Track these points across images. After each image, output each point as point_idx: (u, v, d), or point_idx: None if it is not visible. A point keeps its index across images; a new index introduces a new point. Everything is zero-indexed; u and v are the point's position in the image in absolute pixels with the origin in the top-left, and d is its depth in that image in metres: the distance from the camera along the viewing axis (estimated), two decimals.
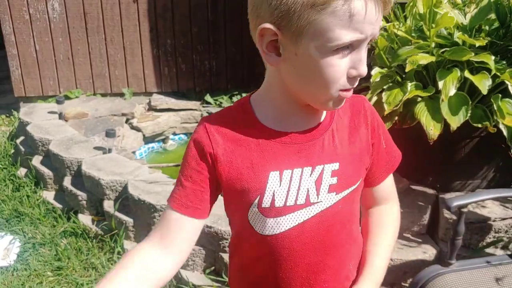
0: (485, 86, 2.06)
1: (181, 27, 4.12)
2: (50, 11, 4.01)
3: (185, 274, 2.43)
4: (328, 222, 0.96)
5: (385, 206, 1.11)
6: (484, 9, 2.26)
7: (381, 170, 1.06)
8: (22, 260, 2.68)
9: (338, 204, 0.96)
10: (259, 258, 1.01)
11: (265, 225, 0.95)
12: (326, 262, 0.99)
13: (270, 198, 0.93)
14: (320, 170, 0.94)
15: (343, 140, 0.97)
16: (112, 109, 4.00)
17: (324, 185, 0.94)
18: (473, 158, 2.34)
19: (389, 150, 1.06)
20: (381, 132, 1.03)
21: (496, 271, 1.82)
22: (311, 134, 0.94)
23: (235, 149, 0.94)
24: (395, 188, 1.13)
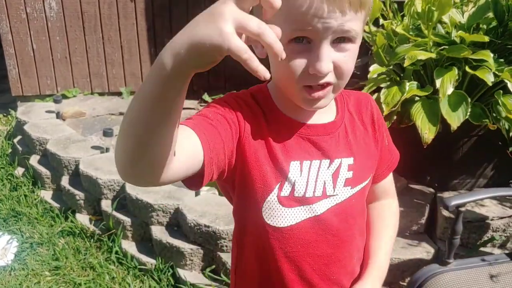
0: (489, 78, 2.06)
1: (179, 25, 4.04)
2: (47, 10, 4.00)
3: (183, 274, 2.43)
4: (342, 216, 0.98)
5: (384, 201, 1.14)
6: (482, 8, 2.26)
7: (383, 167, 1.09)
8: (19, 260, 2.68)
9: (352, 198, 0.98)
10: (270, 252, 0.98)
11: (281, 215, 0.94)
12: (337, 255, 1.00)
13: (290, 187, 0.93)
14: (338, 163, 0.96)
15: (355, 136, 1.00)
16: (109, 108, 3.99)
17: (341, 178, 0.96)
18: (471, 157, 2.35)
19: (390, 148, 1.10)
20: (383, 130, 1.06)
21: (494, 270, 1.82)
22: (327, 128, 0.97)
23: (257, 132, 0.91)
24: (393, 184, 1.16)
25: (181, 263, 2.46)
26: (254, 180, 0.92)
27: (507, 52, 2.25)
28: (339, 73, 0.86)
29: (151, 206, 2.54)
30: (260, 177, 0.91)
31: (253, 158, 0.91)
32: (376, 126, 1.04)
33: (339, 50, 0.84)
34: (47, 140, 3.34)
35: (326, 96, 0.89)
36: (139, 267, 2.57)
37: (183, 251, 2.42)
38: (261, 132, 0.92)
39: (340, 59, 0.85)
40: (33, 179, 3.35)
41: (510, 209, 2.27)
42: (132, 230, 2.70)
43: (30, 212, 3.04)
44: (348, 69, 0.87)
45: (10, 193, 3.28)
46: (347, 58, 0.85)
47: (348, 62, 0.86)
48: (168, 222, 2.57)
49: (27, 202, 3.16)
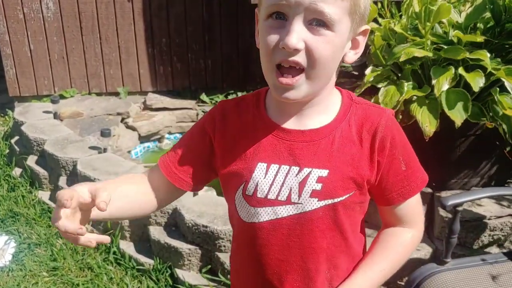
0: (477, 83, 2.07)
1: (176, 26, 4.11)
2: (45, 10, 3.99)
3: (181, 274, 2.43)
4: (307, 226, 0.95)
5: (398, 229, 1.04)
6: (479, 8, 2.27)
7: (394, 192, 0.99)
8: (17, 261, 2.67)
9: (319, 210, 0.94)
10: (242, 245, 1.04)
11: (247, 211, 0.98)
12: (300, 264, 0.98)
13: (253, 187, 0.96)
14: (307, 173, 0.93)
15: (343, 149, 0.94)
16: (107, 108, 3.98)
17: (307, 188, 0.93)
18: (469, 157, 2.35)
19: (408, 174, 0.98)
20: (397, 153, 0.96)
21: (492, 269, 1.82)
22: (309, 135, 0.94)
23: (236, 134, 0.98)
24: (417, 213, 1.05)
25: (179, 263, 2.46)
26: (228, 178, 1.00)
27: (504, 52, 2.26)
28: (310, 57, 0.84)
29: None
30: (232, 175, 0.99)
31: (228, 159, 0.99)
32: (377, 145, 0.94)
33: (313, 32, 0.83)
34: (45, 140, 3.34)
35: (297, 87, 0.87)
36: (137, 268, 2.56)
37: (181, 251, 2.42)
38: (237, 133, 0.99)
39: (313, 41, 0.83)
40: (30, 180, 3.35)
41: (508, 208, 2.27)
42: (130, 231, 2.70)
43: (28, 213, 3.04)
44: (321, 56, 0.84)
45: (7, 194, 3.27)
46: (320, 44, 0.83)
47: (321, 47, 0.84)
48: (166, 222, 2.57)
49: (25, 202, 3.16)
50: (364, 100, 1.00)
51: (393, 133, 0.96)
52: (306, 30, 0.83)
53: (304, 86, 0.88)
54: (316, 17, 0.82)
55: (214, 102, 4.16)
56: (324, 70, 0.87)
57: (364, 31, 0.92)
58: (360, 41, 0.93)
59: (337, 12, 0.82)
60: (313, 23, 0.83)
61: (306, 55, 0.84)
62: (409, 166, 0.98)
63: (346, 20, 0.85)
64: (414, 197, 1.01)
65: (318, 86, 0.90)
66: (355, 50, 0.93)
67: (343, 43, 0.88)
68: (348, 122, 0.95)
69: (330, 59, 0.86)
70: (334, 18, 0.82)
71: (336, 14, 0.82)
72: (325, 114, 0.95)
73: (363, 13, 0.88)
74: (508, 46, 2.24)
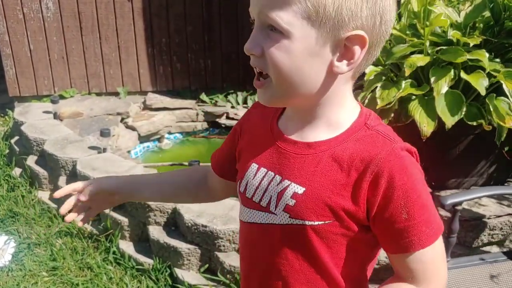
0: (482, 86, 2.06)
1: (176, 25, 4.11)
2: (44, 10, 4.00)
3: (180, 274, 2.43)
4: (277, 240, 0.91)
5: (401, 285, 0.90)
6: (479, 7, 2.27)
7: (392, 241, 0.87)
8: (17, 261, 2.67)
9: (289, 228, 0.88)
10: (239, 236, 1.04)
11: (240, 207, 0.99)
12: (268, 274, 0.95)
13: (244, 185, 0.96)
14: (285, 185, 0.89)
15: (327, 171, 0.86)
16: (107, 108, 3.99)
17: (283, 201, 0.88)
18: (468, 156, 2.35)
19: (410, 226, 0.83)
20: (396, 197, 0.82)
21: (491, 269, 1.82)
22: (300, 147, 0.90)
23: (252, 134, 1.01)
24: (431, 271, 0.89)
25: (178, 263, 2.46)
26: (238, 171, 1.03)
27: (504, 51, 2.26)
28: (268, 63, 0.82)
29: (149, 206, 2.54)
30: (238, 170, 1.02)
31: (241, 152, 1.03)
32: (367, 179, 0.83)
33: (268, 37, 0.81)
34: (44, 140, 3.34)
35: (264, 90, 0.87)
36: (136, 267, 2.56)
37: (180, 251, 2.42)
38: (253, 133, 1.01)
39: (267, 47, 0.81)
40: (30, 180, 3.35)
41: (507, 208, 2.27)
42: (129, 230, 2.70)
43: (28, 213, 3.04)
44: (275, 62, 0.81)
45: (7, 194, 3.27)
46: (274, 49, 0.80)
47: (275, 54, 0.80)
48: (165, 222, 2.57)
49: (25, 202, 3.16)
50: (381, 126, 0.88)
51: (393, 172, 0.82)
52: (265, 35, 0.82)
53: (269, 90, 0.86)
54: (271, 24, 0.80)
55: (214, 102, 4.16)
56: (286, 76, 0.82)
57: (355, 39, 0.80)
58: (355, 50, 0.81)
59: (286, 17, 0.78)
60: (272, 29, 0.80)
61: (264, 61, 0.83)
62: (412, 216, 0.83)
63: (303, 24, 0.78)
64: (425, 252, 0.85)
65: (286, 93, 0.85)
66: (348, 61, 0.82)
67: (309, 51, 0.80)
68: (346, 145, 0.86)
69: (289, 67, 0.81)
70: (283, 24, 0.78)
71: (284, 19, 0.78)
72: (328, 129, 0.88)
73: (334, 16, 0.78)
74: (507, 45, 2.24)
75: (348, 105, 0.89)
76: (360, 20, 0.79)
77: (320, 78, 0.84)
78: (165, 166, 3.33)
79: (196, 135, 4.20)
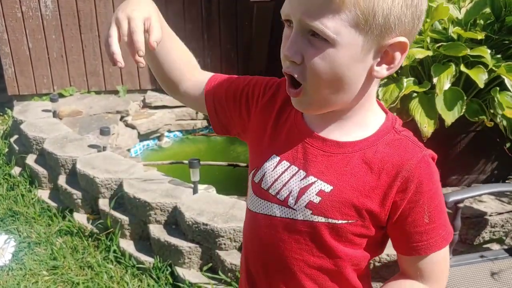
0: (481, 79, 2.06)
1: (175, 23, 4.06)
2: (43, 8, 3.98)
3: (181, 272, 2.43)
4: (294, 235, 0.90)
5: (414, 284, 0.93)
6: (479, 3, 2.26)
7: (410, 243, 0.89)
8: (17, 260, 2.67)
9: (309, 224, 0.88)
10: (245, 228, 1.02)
11: (250, 196, 0.97)
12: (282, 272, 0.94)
13: (260, 175, 0.94)
14: (310, 182, 0.88)
15: (357, 172, 0.87)
16: (106, 106, 3.98)
17: (305, 197, 0.88)
18: (469, 153, 2.34)
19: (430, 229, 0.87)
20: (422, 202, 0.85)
21: (493, 266, 1.82)
22: (329, 146, 0.89)
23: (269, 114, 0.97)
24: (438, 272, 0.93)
25: (179, 261, 2.45)
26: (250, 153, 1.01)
27: (504, 48, 2.25)
28: (307, 72, 0.80)
29: (149, 205, 2.54)
30: (252, 153, 0.99)
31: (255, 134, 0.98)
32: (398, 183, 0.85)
33: (310, 44, 0.79)
34: (44, 139, 3.33)
35: (300, 99, 0.84)
36: (137, 266, 2.56)
37: (181, 249, 2.42)
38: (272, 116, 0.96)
39: (308, 53, 0.79)
40: (30, 179, 3.34)
41: (509, 205, 2.27)
42: (130, 229, 2.69)
43: (28, 212, 3.04)
44: (314, 69, 0.79)
45: (7, 193, 3.27)
46: (317, 59, 0.78)
47: (319, 64, 0.78)
48: (166, 220, 2.56)
49: (24, 201, 3.15)
50: (407, 131, 0.91)
51: (422, 178, 0.85)
52: (306, 42, 0.79)
53: (306, 99, 0.84)
54: (308, 28, 0.77)
55: None
56: (326, 85, 0.81)
57: (398, 44, 0.81)
58: (396, 55, 0.82)
59: (333, 25, 0.76)
60: (315, 35, 0.78)
61: (304, 69, 0.80)
62: (433, 220, 0.87)
63: (351, 32, 0.77)
64: (437, 254, 0.90)
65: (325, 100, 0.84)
66: (388, 65, 0.83)
67: (352, 58, 0.79)
68: (376, 148, 0.87)
69: (332, 75, 0.80)
70: (330, 32, 0.76)
71: (331, 28, 0.76)
72: (357, 130, 0.89)
73: (383, 24, 0.77)
74: (508, 42, 2.24)
75: (375, 107, 0.91)
76: (403, 25, 0.79)
77: (359, 83, 0.84)
78: (165, 165, 3.33)
79: (196, 133, 4.19)
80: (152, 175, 2.82)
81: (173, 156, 3.72)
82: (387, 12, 0.77)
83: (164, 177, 2.79)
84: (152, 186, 2.67)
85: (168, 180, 2.74)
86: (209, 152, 3.87)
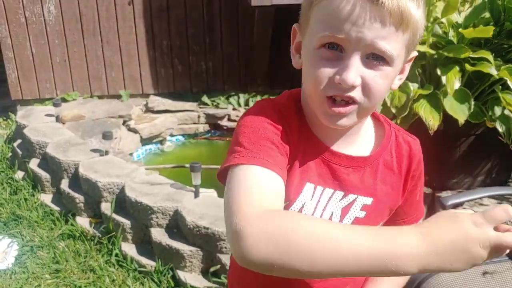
0: (492, 72, 2.07)
1: (177, 28, 4.12)
2: (46, 14, 4.01)
3: (183, 276, 2.44)
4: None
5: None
6: (479, 8, 2.28)
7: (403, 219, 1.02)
8: (20, 263, 2.68)
9: None
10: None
11: None
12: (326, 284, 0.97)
13: (298, 207, 0.91)
14: (352, 199, 0.92)
15: (385, 178, 0.95)
16: (109, 111, 4.00)
17: (350, 215, 0.92)
18: (469, 157, 2.35)
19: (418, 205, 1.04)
20: (419, 184, 1.00)
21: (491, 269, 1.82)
22: (353, 162, 0.92)
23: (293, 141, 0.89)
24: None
25: (181, 265, 2.46)
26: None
27: (504, 52, 2.26)
28: (367, 92, 0.81)
29: (151, 209, 2.55)
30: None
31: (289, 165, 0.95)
32: (410, 176, 0.97)
33: (370, 67, 0.80)
34: (47, 143, 3.35)
35: (349, 115, 0.83)
36: (139, 269, 2.57)
37: (182, 253, 2.43)
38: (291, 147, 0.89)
39: (370, 76, 0.80)
40: (33, 183, 3.36)
41: None
42: (132, 233, 2.71)
43: (30, 216, 3.05)
44: (377, 90, 0.81)
45: (10, 197, 3.28)
46: (377, 78, 0.80)
47: (379, 82, 0.80)
48: (167, 224, 2.57)
49: (27, 205, 3.17)
50: (397, 126, 1.00)
51: (421, 167, 0.99)
52: (364, 65, 0.79)
53: (354, 115, 0.84)
54: (375, 52, 0.78)
55: (215, 104, 4.16)
56: (378, 102, 0.85)
57: (412, 58, 0.88)
58: (407, 67, 0.89)
59: (397, 47, 0.79)
60: (370, 57, 0.79)
61: (362, 90, 0.81)
62: (420, 196, 1.02)
63: (403, 52, 0.82)
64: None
65: (368, 114, 0.90)
66: (400, 76, 0.88)
67: (396, 74, 0.85)
68: (390, 151, 0.96)
69: (384, 92, 0.84)
70: (393, 54, 0.79)
71: (395, 49, 0.79)
72: (368, 140, 0.95)
73: (417, 42, 0.84)
74: (507, 46, 2.25)
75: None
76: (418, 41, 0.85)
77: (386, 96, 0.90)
78: (167, 169, 3.34)
79: (198, 137, 4.21)
80: (154, 179, 2.83)
81: (175, 160, 3.73)
82: (420, 31, 0.82)
83: (166, 180, 2.81)
84: (154, 190, 2.68)
85: (170, 184, 2.75)
86: (211, 156, 3.87)
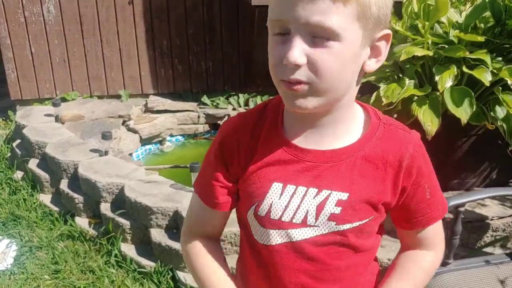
0: (486, 78, 2.05)
1: (177, 28, 4.11)
2: (46, 13, 4.00)
3: (182, 276, 2.43)
4: (323, 249, 0.92)
5: (418, 253, 1.04)
6: (479, 7, 2.26)
7: (415, 218, 0.98)
8: (19, 264, 2.67)
9: (337, 234, 0.91)
10: (254, 266, 1.00)
11: (259, 232, 0.95)
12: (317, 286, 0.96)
13: (266, 208, 0.92)
14: (326, 195, 0.90)
15: (365, 172, 0.90)
16: (108, 111, 3.99)
17: (326, 211, 0.90)
18: (470, 157, 2.34)
19: (431, 202, 0.97)
20: (423, 182, 0.95)
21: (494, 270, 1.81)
22: (330, 156, 0.90)
23: (254, 147, 0.94)
24: (438, 237, 1.05)
25: (180, 265, 2.45)
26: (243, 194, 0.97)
27: (505, 52, 2.25)
28: (315, 70, 0.79)
29: (150, 209, 2.54)
30: (247, 193, 0.95)
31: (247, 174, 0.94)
32: (403, 171, 0.91)
33: (317, 46, 0.78)
34: (46, 143, 3.34)
35: (307, 97, 0.82)
36: (138, 270, 2.56)
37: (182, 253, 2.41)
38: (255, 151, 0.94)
39: (316, 54, 0.78)
40: (32, 183, 3.35)
41: (510, 209, 2.26)
42: (131, 233, 2.70)
43: (29, 216, 3.04)
44: (326, 67, 0.79)
45: (9, 197, 3.27)
46: (325, 55, 0.78)
47: (326, 59, 0.78)
48: (167, 225, 2.56)
49: (26, 206, 3.16)
50: (391, 119, 0.95)
51: (420, 162, 0.93)
52: (310, 44, 0.78)
53: (311, 96, 0.82)
54: (317, 30, 0.77)
55: (215, 104, 4.15)
56: (332, 82, 0.81)
57: (384, 36, 0.85)
58: (382, 47, 0.85)
59: (340, 20, 0.77)
60: (317, 36, 0.78)
61: (310, 69, 0.79)
62: (432, 194, 0.97)
63: (355, 27, 0.79)
64: (439, 223, 1.01)
65: (329, 98, 0.84)
66: (376, 58, 0.86)
67: (355, 53, 0.81)
68: (374, 145, 0.91)
69: (337, 71, 0.80)
70: (334, 28, 0.77)
71: (337, 23, 0.77)
72: (348, 133, 0.91)
73: (376, 16, 0.80)
74: (509, 45, 2.23)
75: (355, 105, 0.94)
76: (387, 18, 0.83)
77: (354, 79, 0.87)
78: (166, 169, 3.33)
79: (198, 137, 4.20)
80: (153, 179, 2.82)
81: (175, 160, 3.72)
82: (378, 5, 0.80)
83: (166, 181, 2.80)
84: (154, 190, 2.67)
85: (170, 184, 2.74)
86: None
